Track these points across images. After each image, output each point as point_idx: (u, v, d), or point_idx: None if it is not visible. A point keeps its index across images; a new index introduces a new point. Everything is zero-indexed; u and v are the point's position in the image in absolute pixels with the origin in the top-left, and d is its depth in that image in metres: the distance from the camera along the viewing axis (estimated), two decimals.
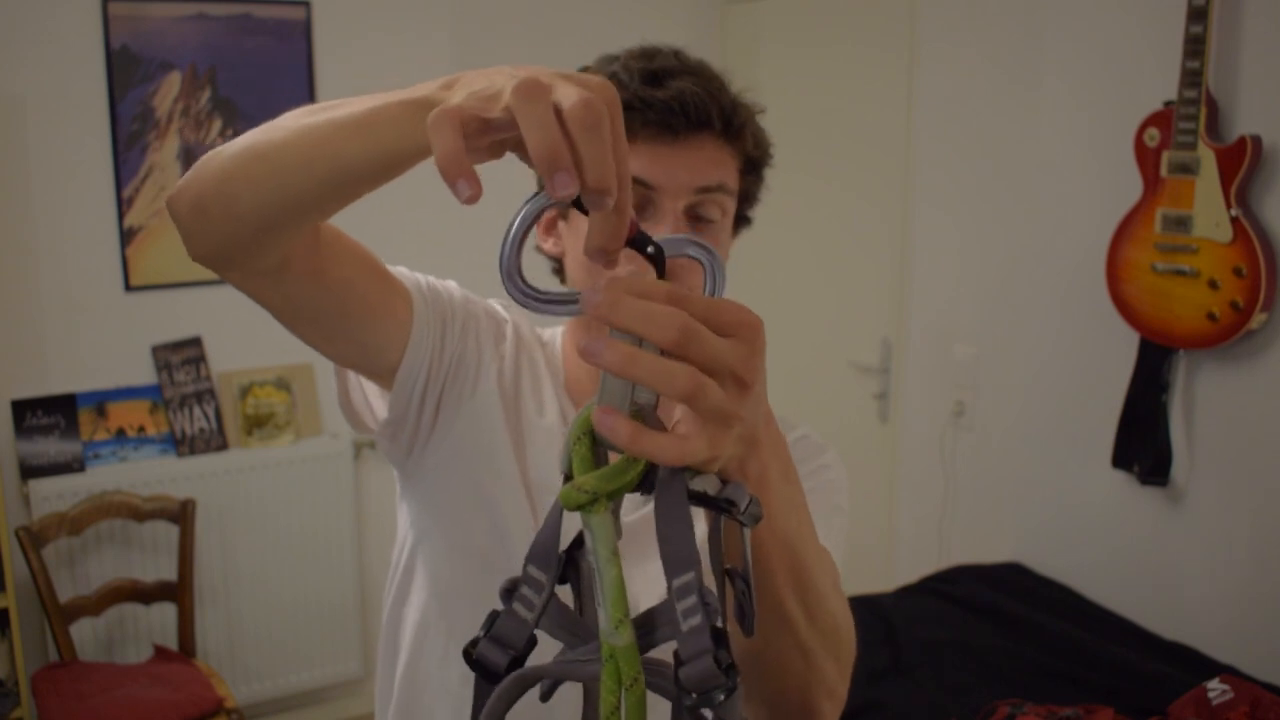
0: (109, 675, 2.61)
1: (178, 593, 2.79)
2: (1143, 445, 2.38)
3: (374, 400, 1.01)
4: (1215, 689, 1.99)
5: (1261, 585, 2.23)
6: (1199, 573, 2.35)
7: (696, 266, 0.63)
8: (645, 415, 0.54)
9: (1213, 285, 2.19)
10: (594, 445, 0.56)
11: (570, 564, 0.59)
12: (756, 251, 3.18)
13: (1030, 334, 2.72)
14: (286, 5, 2.98)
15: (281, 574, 3.06)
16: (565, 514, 0.56)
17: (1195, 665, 2.19)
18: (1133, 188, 2.32)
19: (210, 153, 0.75)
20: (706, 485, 0.56)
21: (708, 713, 0.53)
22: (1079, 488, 2.61)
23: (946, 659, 2.25)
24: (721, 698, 0.52)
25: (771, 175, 1.08)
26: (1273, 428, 2.20)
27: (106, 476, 2.82)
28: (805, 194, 3.24)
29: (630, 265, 0.57)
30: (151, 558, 2.87)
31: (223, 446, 3.01)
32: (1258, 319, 2.15)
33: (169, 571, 2.83)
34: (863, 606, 2.50)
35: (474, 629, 0.60)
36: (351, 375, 1.00)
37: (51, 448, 2.82)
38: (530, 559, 0.58)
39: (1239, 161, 2.13)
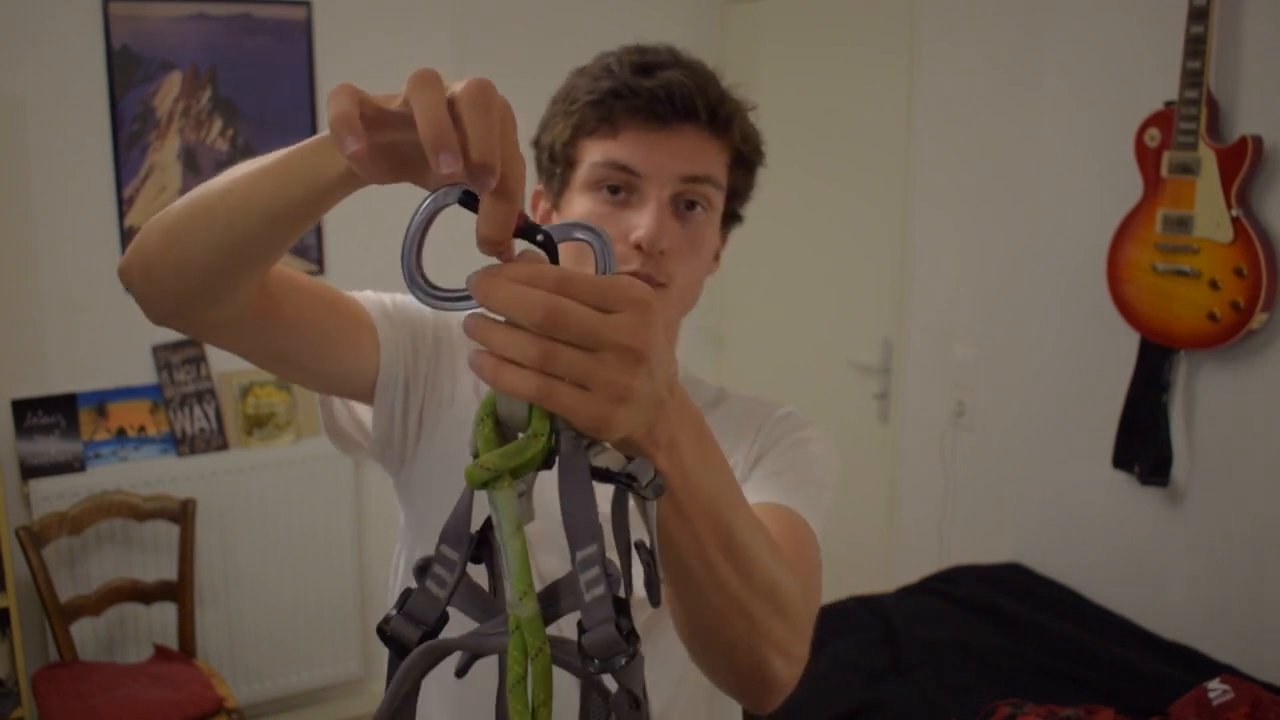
0: (109, 675, 2.61)
1: (178, 593, 2.79)
2: (1143, 445, 2.38)
3: (364, 419, 1.03)
4: (1215, 689, 1.99)
5: (1261, 585, 2.23)
6: (1200, 573, 2.35)
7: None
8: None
9: (1213, 285, 2.19)
10: (497, 426, 0.58)
11: (485, 544, 0.60)
12: (757, 251, 3.18)
13: (1030, 334, 2.72)
14: (287, 5, 2.98)
15: (281, 574, 3.06)
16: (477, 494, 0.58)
17: (1195, 665, 2.19)
18: (1133, 188, 2.32)
19: (152, 219, 0.77)
20: (609, 461, 0.58)
21: (610, 680, 0.55)
22: (1079, 488, 2.61)
23: (946, 659, 2.25)
24: (623, 662, 0.54)
25: (772, 175, 1.09)
26: (1273, 428, 2.20)
27: (107, 476, 2.82)
28: (805, 194, 3.24)
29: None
30: (152, 558, 2.87)
31: (223, 446, 3.01)
32: (1258, 319, 2.15)
33: (169, 571, 2.83)
34: (863, 606, 2.50)
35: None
36: (336, 401, 1.02)
37: (52, 447, 2.82)
38: (443, 538, 0.60)
39: (1240, 162, 2.13)
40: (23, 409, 2.79)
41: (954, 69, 2.86)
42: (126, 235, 2.87)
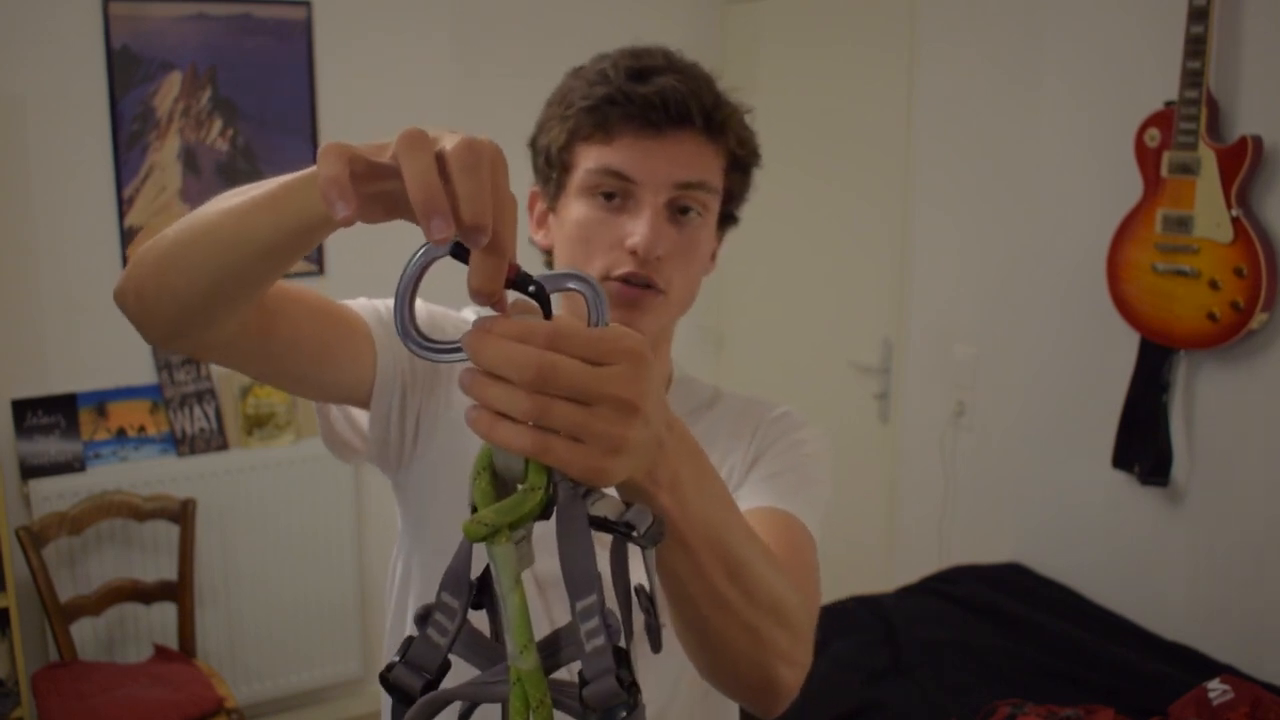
0: (109, 675, 2.61)
1: (178, 593, 2.79)
2: (1143, 445, 2.38)
3: (362, 423, 1.03)
4: (1215, 689, 1.99)
5: (1261, 585, 2.23)
6: (1199, 573, 2.35)
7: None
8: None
9: (1213, 285, 2.19)
10: (494, 478, 0.58)
11: (485, 590, 0.61)
12: (757, 251, 3.18)
13: (1030, 334, 2.72)
14: (286, 5, 2.98)
15: (281, 574, 3.06)
16: None
17: (1195, 665, 2.19)
18: (1133, 188, 2.32)
19: (145, 245, 0.78)
20: (607, 509, 0.58)
21: None
22: (1079, 488, 2.61)
23: (946, 659, 2.25)
24: (624, 714, 0.55)
25: (772, 175, 1.09)
26: (1273, 428, 2.20)
27: (107, 476, 2.82)
28: (805, 194, 3.24)
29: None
30: (152, 558, 2.87)
31: (223, 446, 3.01)
32: (1258, 319, 2.15)
33: (169, 571, 2.83)
34: (863, 606, 2.50)
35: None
36: (334, 409, 1.02)
37: (52, 447, 2.82)
38: (444, 586, 0.60)
39: (1240, 162, 2.13)
40: (23, 409, 2.79)
41: (954, 69, 2.86)
42: (126, 235, 2.87)
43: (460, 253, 0.56)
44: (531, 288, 0.58)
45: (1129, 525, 2.49)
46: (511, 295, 0.58)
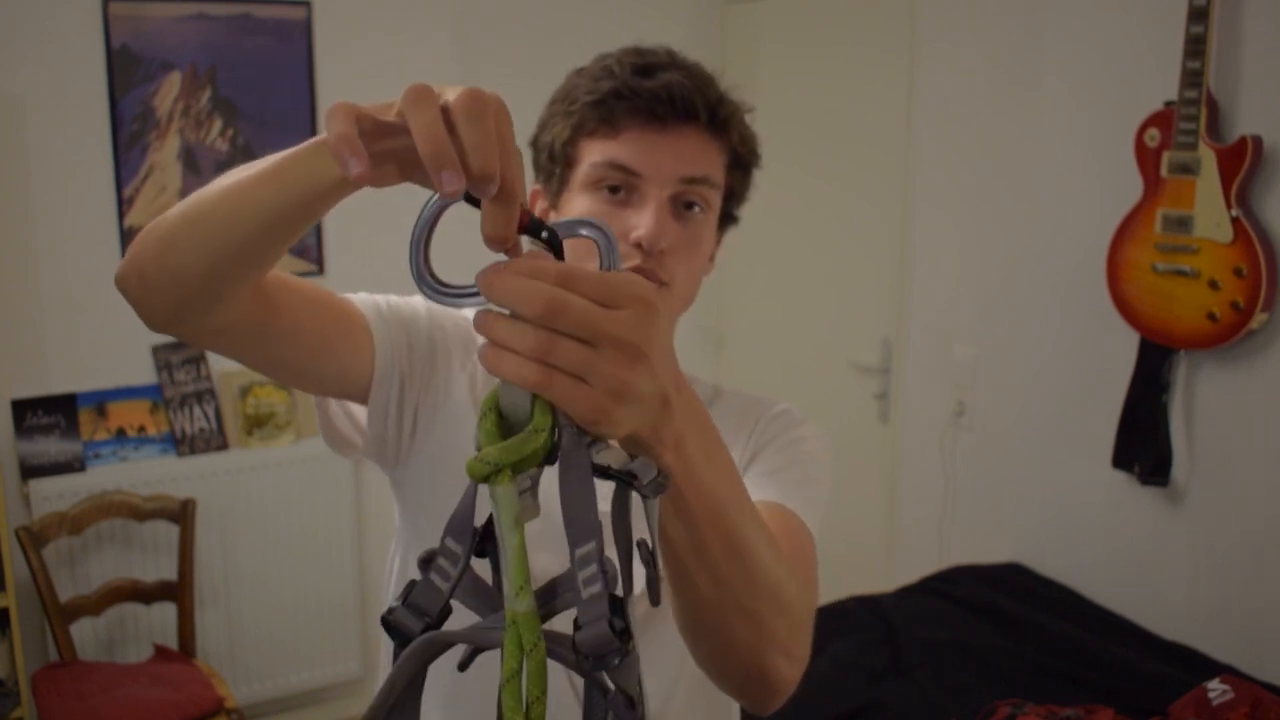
0: (109, 675, 2.61)
1: (178, 593, 2.79)
2: (1143, 445, 2.38)
3: (360, 418, 1.03)
4: (1215, 689, 1.99)
5: (1261, 585, 2.23)
6: (1199, 573, 2.35)
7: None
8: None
9: (1213, 285, 2.19)
10: (500, 420, 0.58)
11: (489, 538, 0.60)
12: (757, 251, 3.18)
13: (1030, 334, 2.72)
14: (286, 5, 2.98)
15: (281, 574, 3.06)
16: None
17: (1195, 665, 2.19)
18: (1133, 188, 2.32)
19: (147, 228, 0.78)
20: (611, 459, 0.58)
21: (605, 677, 0.56)
22: (1079, 488, 2.61)
23: (946, 659, 2.25)
24: (616, 661, 0.55)
25: (772, 175, 1.09)
26: (1273, 428, 2.20)
27: (107, 476, 2.82)
28: (805, 194, 3.24)
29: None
30: (151, 558, 2.87)
31: (223, 446, 3.01)
32: (1258, 319, 2.15)
33: (169, 571, 2.83)
34: (863, 606, 2.50)
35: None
36: (333, 404, 1.02)
37: (52, 447, 2.82)
38: (448, 531, 0.60)
39: (1239, 162, 2.13)
40: (23, 409, 2.79)
41: (954, 69, 2.86)
42: (126, 235, 2.87)
43: (473, 200, 0.56)
44: (544, 233, 0.58)
45: (1129, 525, 2.49)
46: (524, 243, 0.58)
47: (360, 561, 3.18)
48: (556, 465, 0.57)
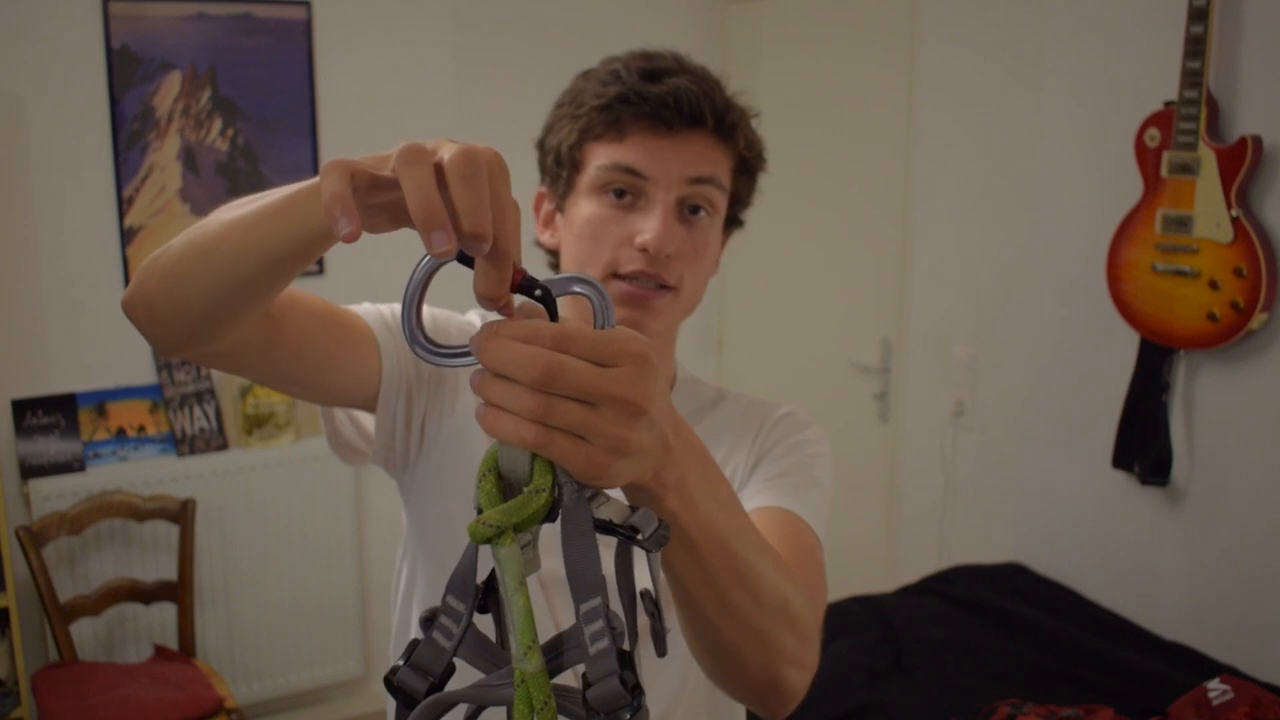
0: (109, 675, 2.61)
1: (178, 592, 2.79)
2: (1143, 445, 2.38)
3: (367, 426, 1.03)
4: (1215, 689, 1.99)
5: (1261, 585, 2.23)
6: (1199, 573, 2.35)
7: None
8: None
9: (1213, 285, 2.19)
10: (499, 481, 0.58)
11: (491, 593, 0.61)
12: (758, 252, 3.18)
13: (1030, 334, 2.72)
14: (286, 5, 2.98)
15: (281, 574, 3.06)
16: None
17: (1195, 665, 2.19)
18: (1133, 188, 2.32)
19: (151, 256, 0.78)
20: (612, 512, 0.59)
21: None
22: (1079, 488, 2.61)
23: (946, 659, 2.25)
24: (628, 716, 0.55)
25: (772, 175, 1.09)
26: (1273, 428, 2.20)
27: (106, 476, 2.82)
28: (806, 194, 3.24)
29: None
30: (151, 557, 2.87)
31: (223, 446, 3.01)
32: (1258, 319, 2.15)
33: (169, 571, 2.84)
34: (863, 606, 2.50)
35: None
36: (339, 413, 1.02)
37: (52, 447, 2.82)
38: (449, 589, 0.60)
39: (1239, 162, 2.13)
40: (23, 409, 2.79)
41: (954, 69, 2.86)
42: (126, 235, 2.87)
43: (466, 259, 0.56)
44: (537, 291, 0.58)
45: (1129, 525, 2.49)
46: (518, 299, 0.58)
47: (360, 561, 3.18)
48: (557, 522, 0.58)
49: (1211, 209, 2.17)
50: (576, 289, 0.59)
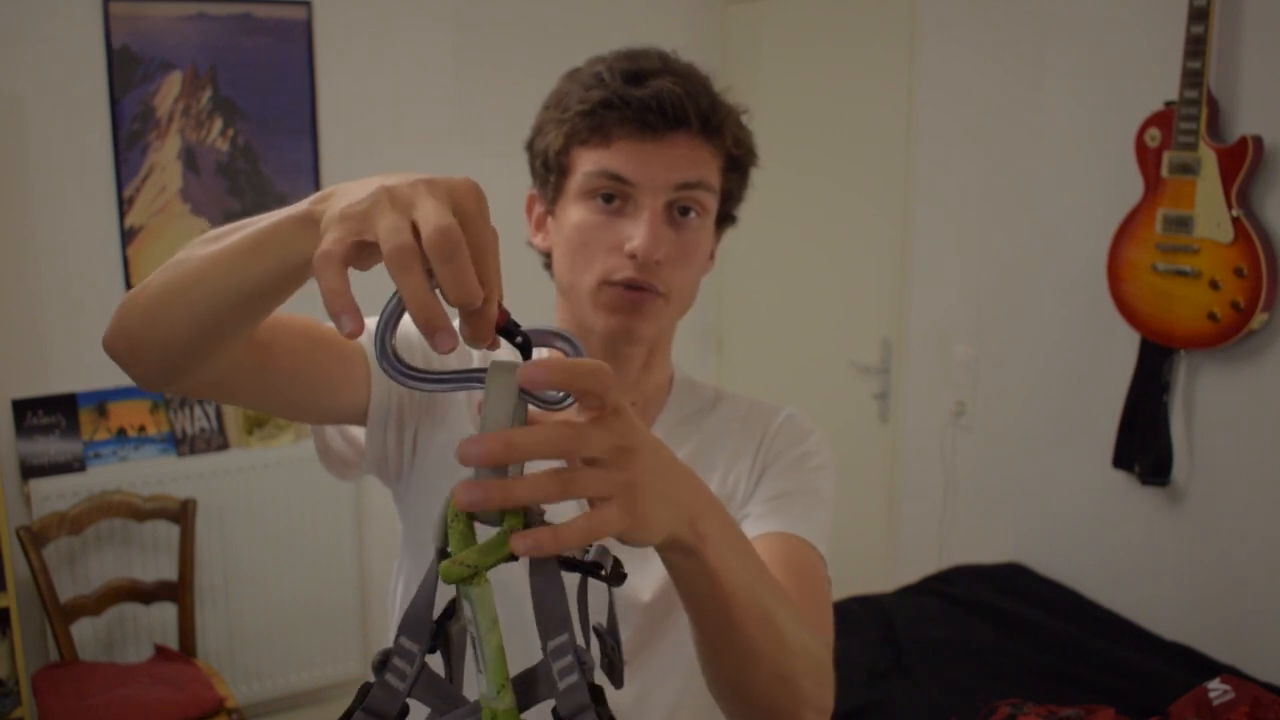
0: (109, 675, 2.61)
1: (178, 592, 2.79)
2: (1143, 445, 2.38)
3: (358, 438, 1.03)
4: (1215, 689, 1.99)
5: (1262, 585, 2.23)
6: (1199, 573, 2.35)
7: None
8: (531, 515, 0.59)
9: (1214, 285, 2.19)
10: (470, 520, 0.59)
11: (439, 633, 0.62)
12: (757, 252, 3.18)
13: (1030, 334, 2.72)
14: (287, 5, 2.98)
15: (281, 574, 3.06)
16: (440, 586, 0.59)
17: (1195, 665, 2.19)
18: (1133, 188, 2.32)
19: (130, 294, 0.78)
20: (574, 550, 0.61)
21: None
22: (1079, 488, 2.61)
23: (946, 659, 2.25)
24: None
25: (772, 175, 1.09)
26: (1273, 428, 2.20)
27: (107, 476, 2.82)
28: (805, 194, 3.24)
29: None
30: (151, 557, 2.87)
31: (223, 446, 3.01)
32: (1259, 319, 2.15)
33: (169, 571, 2.84)
34: (863, 606, 2.50)
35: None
36: (329, 428, 1.02)
37: (52, 447, 2.82)
38: (402, 630, 0.60)
39: (1240, 162, 2.13)
40: (23, 409, 2.79)
41: (954, 69, 2.86)
42: (126, 235, 2.87)
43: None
44: (519, 339, 0.60)
45: (1129, 525, 2.49)
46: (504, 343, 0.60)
47: (360, 561, 3.18)
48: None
49: (1212, 209, 2.17)
50: (558, 344, 0.62)
